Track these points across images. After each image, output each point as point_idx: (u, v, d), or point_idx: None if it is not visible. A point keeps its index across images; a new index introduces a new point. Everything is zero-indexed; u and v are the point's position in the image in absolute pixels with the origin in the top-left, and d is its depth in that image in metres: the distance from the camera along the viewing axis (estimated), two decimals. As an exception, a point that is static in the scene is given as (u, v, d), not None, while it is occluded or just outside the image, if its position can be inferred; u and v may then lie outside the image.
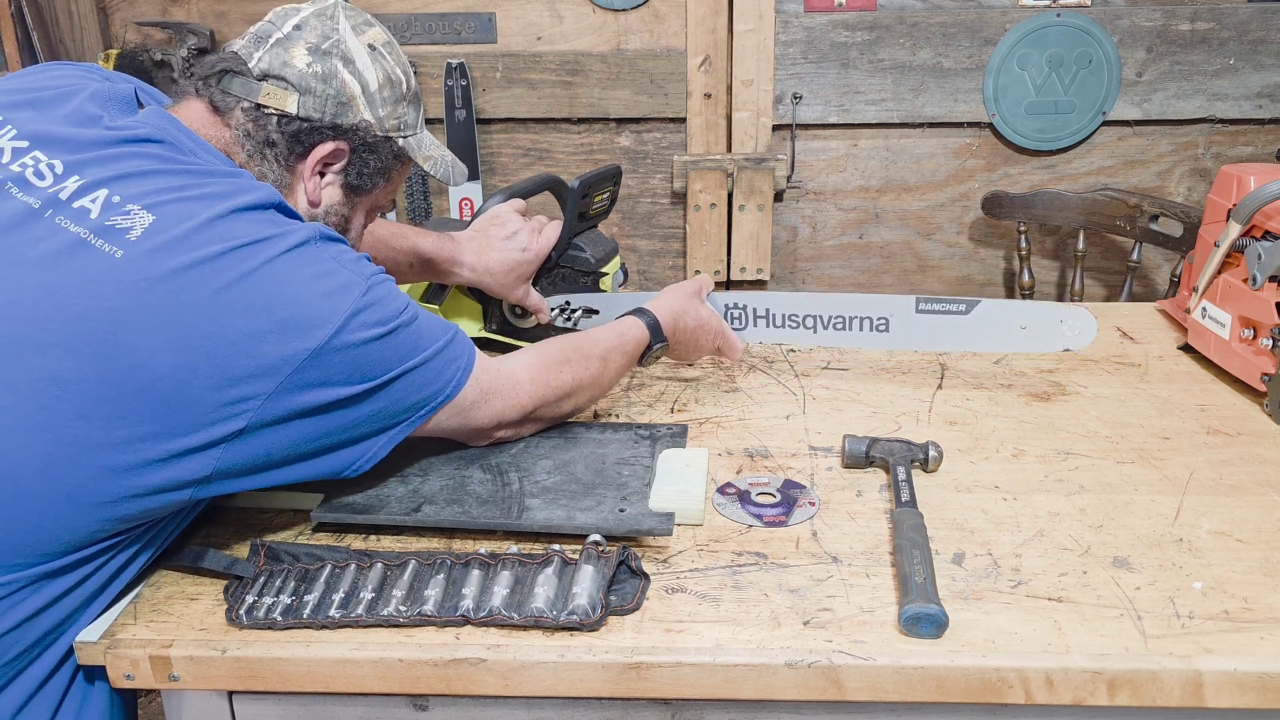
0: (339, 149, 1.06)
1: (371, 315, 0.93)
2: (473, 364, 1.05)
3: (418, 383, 0.99)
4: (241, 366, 0.87)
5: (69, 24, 2.41)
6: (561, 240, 1.41)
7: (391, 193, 1.15)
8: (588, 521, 1.01)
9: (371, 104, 1.06)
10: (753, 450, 1.21)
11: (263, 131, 1.03)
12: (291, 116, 1.03)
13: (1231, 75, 2.34)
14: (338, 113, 1.05)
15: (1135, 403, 1.32)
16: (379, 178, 1.10)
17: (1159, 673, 0.84)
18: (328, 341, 0.90)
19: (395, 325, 0.95)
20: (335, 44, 1.05)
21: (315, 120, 1.04)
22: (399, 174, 1.13)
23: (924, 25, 2.33)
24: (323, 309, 0.90)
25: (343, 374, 0.92)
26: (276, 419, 0.90)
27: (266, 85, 1.02)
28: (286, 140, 1.04)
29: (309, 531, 1.05)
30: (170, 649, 0.88)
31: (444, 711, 0.93)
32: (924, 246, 2.53)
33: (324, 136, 1.05)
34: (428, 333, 1.00)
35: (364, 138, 1.07)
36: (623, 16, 2.37)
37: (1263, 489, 1.10)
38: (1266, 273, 1.29)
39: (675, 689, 0.87)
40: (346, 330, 0.91)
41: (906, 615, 0.87)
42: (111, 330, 0.84)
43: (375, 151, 1.08)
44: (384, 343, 0.94)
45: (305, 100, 1.03)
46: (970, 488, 1.12)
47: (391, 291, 0.97)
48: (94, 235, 0.87)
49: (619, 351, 1.22)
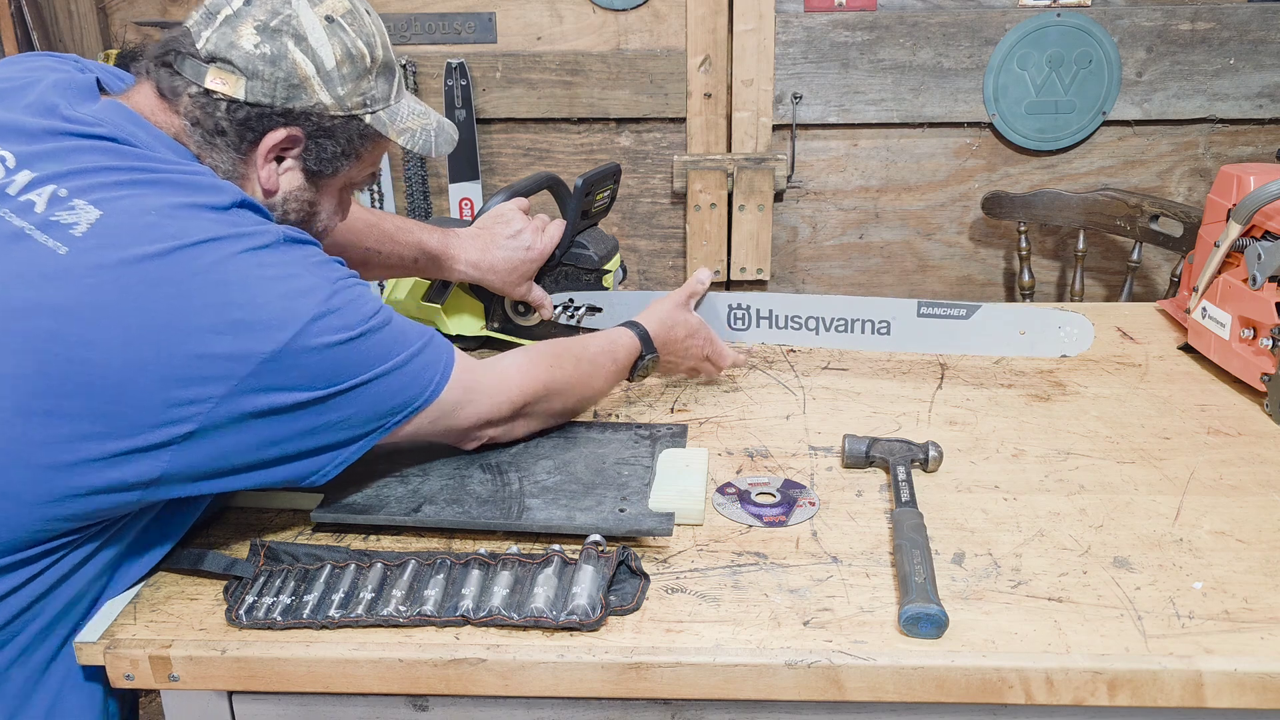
0: (292, 136, 0.99)
1: (337, 320, 0.90)
2: (451, 367, 1.02)
3: (388, 389, 0.96)
4: (191, 367, 0.84)
5: (69, 24, 2.41)
6: (565, 238, 1.41)
7: (367, 170, 1.09)
8: (588, 521, 1.00)
9: (328, 84, 0.99)
10: (753, 450, 1.21)
11: (211, 119, 0.97)
12: (239, 103, 0.96)
13: (1232, 75, 2.34)
14: (289, 96, 0.97)
15: (1135, 403, 1.32)
16: (343, 160, 1.04)
17: (1159, 673, 0.84)
18: (286, 345, 0.87)
19: (362, 330, 0.92)
20: (286, 20, 0.97)
21: (265, 106, 0.97)
22: (372, 151, 1.07)
23: (924, 25, 2.33)
24: (281, 312, 0.87)
25: (302, 379, 0.89)
26: (230, 422, 0.87)
27: (213, 69, 0.96)
28: (235, 128, 0.97)
29: (309, 531, 1.05)
30: (170, 649, 0.88)
31: (444, 711, 0.93)
32: (924, 246, 2.53)
33: (274, 123, 0.98)
34: (400, 338, 0.97)
35: (320, 122, 1.00)
36: (623, 16, 2.37)
37: (1263, 489, 1.10)
38: (1266, 273, 1.29)
39: (675, 689, 0.87)
40: (308, 334, 0.88)
41: (906, 615, 0.87)
42: (53, 327, 0.82)
43: (334, 134, 1.01)
44: (349, 348, 0.91)
45: (253, 85, 0.96)
46: (970, 488, 1.12)
47: (360, 295, 0.94)
48: (38, 230, 0.84)
49: (608, 357, 1.21)
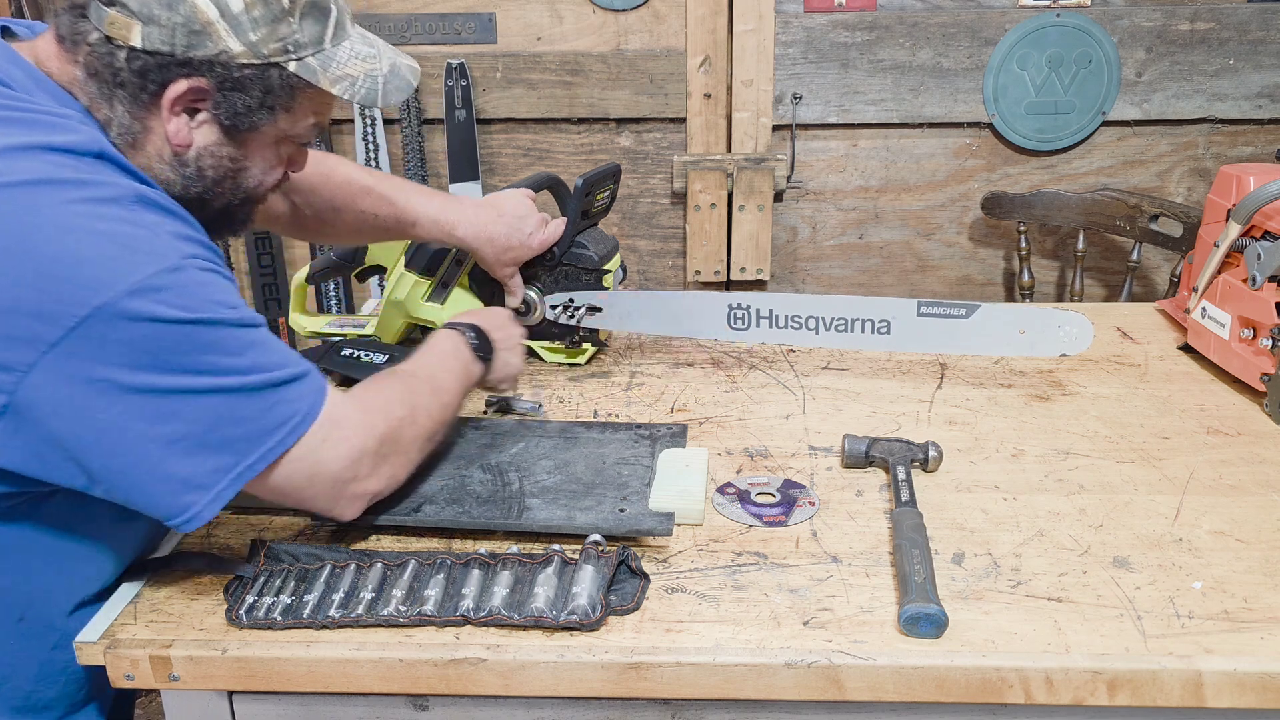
0: (196, 87, 0.89)
1: (176, 295, 0.81)
2: (325, 396, 0.92)
3: (236, 409, 0.85)
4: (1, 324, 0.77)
5: (69, 24, 2.41)
6: (565, 238, 1.41)
7: (303, 122, 0.98)
8: (588, 521, 1.01)
9: (236, 29, 0.88)
10: (753, 450, 1.21)
11: (110, 69, 0.88)
12: (138, 51, 0.87)
13: (1231, 75, 2.34)
14: (191, 44, 0.87)
15: (1135, 402, 1.32)
16: (263, 113, 0.93)
17: (1159, 673, 0.84)
18: (102, 308, 0.78)
19: (205, 317, 0.83)
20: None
21: (164, 55, 0.87)
22: (306, 101, 0.96)
23: (924, 25, 2.33)
24: (106, 272, 0.79)
25: (126, 355, 0.80)
26: (46, 395, 0.79)
27: (111, 13, 0.87)
28: (134, 78, 0.88)
29: (308, 532, 1.04)
30: (170, 649, 0.88)
31: (444, 711, 0.93)
32: (924, 246, 2.53)
33: (174, 74, 0.88)
34: (266, 350, 0.88)
35: (230, 72, 0.89)
36: (623, 16, 2.37)
37: (1262, 489, 1.10)
38: (1266, 273, 1.29)
39: (675, 689, 0.87)
40: (133, 298, 0.79)
41: (906, 615, 0.87)
42: None
43: (247, 86, 0.91)
44: (183, 330, 0.81)
45: (150, 31, 0.86)
46: (970, 487, 1.12)
47: (218, 285, 0.85)
48: None
49: (435, 360, 1.12)
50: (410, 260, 1.48)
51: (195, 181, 0.94)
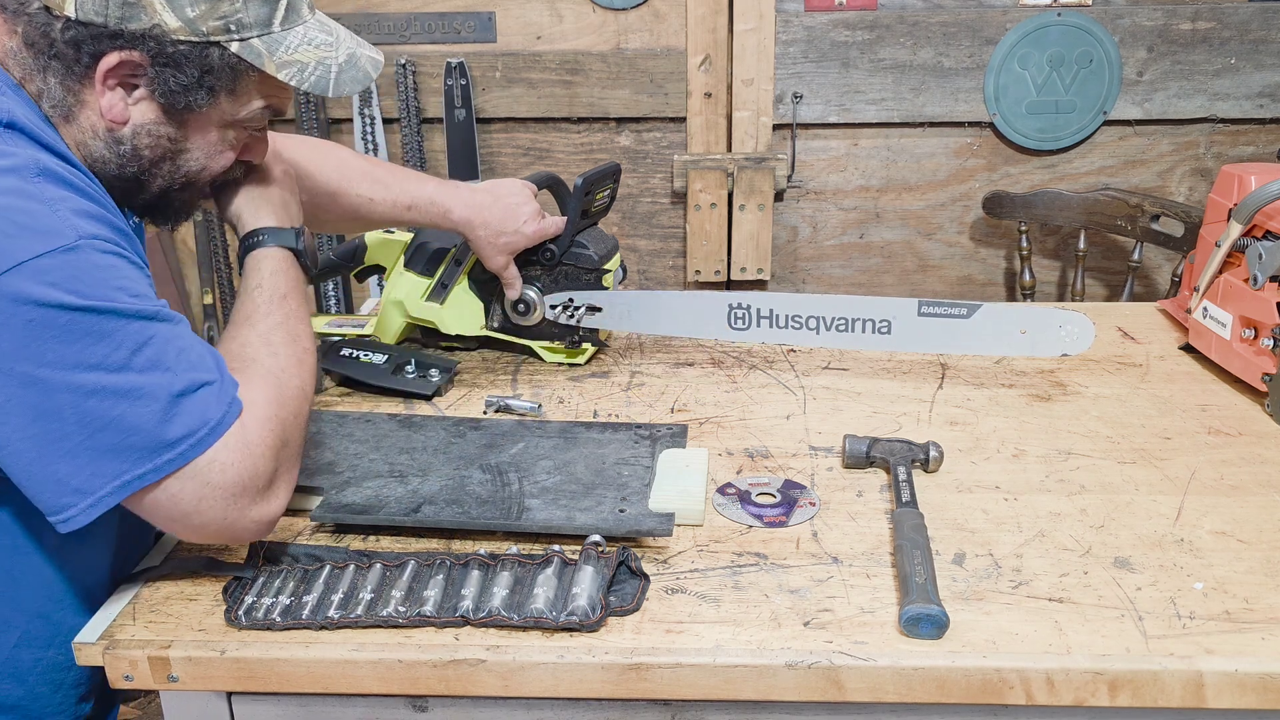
0: (128, 60, 0.87)
1: (68, 278, 0.77)
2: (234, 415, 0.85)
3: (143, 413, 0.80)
4: None
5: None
6: (565, 237, 1.41)
7: (246, 106, 0.94)
8: (588, 522, 1.00)
9: (172, 3, 0.86)
10: (753, 450, 1.20)
11: (46, 39, 0.86)
12: (71, 21, 0.85)
13: (1232, 75, 2.33)
14: (124, 16, 0.85)
15: (1136, 403, 1.32)
16: (199, 93, 0.90)
17: (1160, 673, 0.84)
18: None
19: (99, 305, 0.78)
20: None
21: (97, 26, 0.85)
22: (251, 85, 0.93)
23: (925, 24, 2.33)
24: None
25: (13, 341, 0.76)
26: None
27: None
28: (68, 49, 0.86)
29: (308, 532, 1.04)
30: (169, 650, 0.88)
31: (443, 712, 0.93)
32: (925, 246, 2.53)
33: (107, 46, 0.86)
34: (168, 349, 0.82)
35: (162, 47, 0.87)
36: (623, 16, 2.37)
37: (1264, 489, 1.10)
38: (1267, 273, 1.29)
39: (675, 690, 0.87)
40: (20, 279, 0.75)
41: (907, 616, 0.87)
42: None
43: (183, 63, 0.88)
44: (81, 319, 0.77)
45: (84, 1, 0.85)
46: (971, 488, 1.11)
47: (118, 269, 0.81)
48: None
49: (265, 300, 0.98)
50: (409, 260, 1.48)
51: (131, 161, 0.92)
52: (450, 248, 1.46)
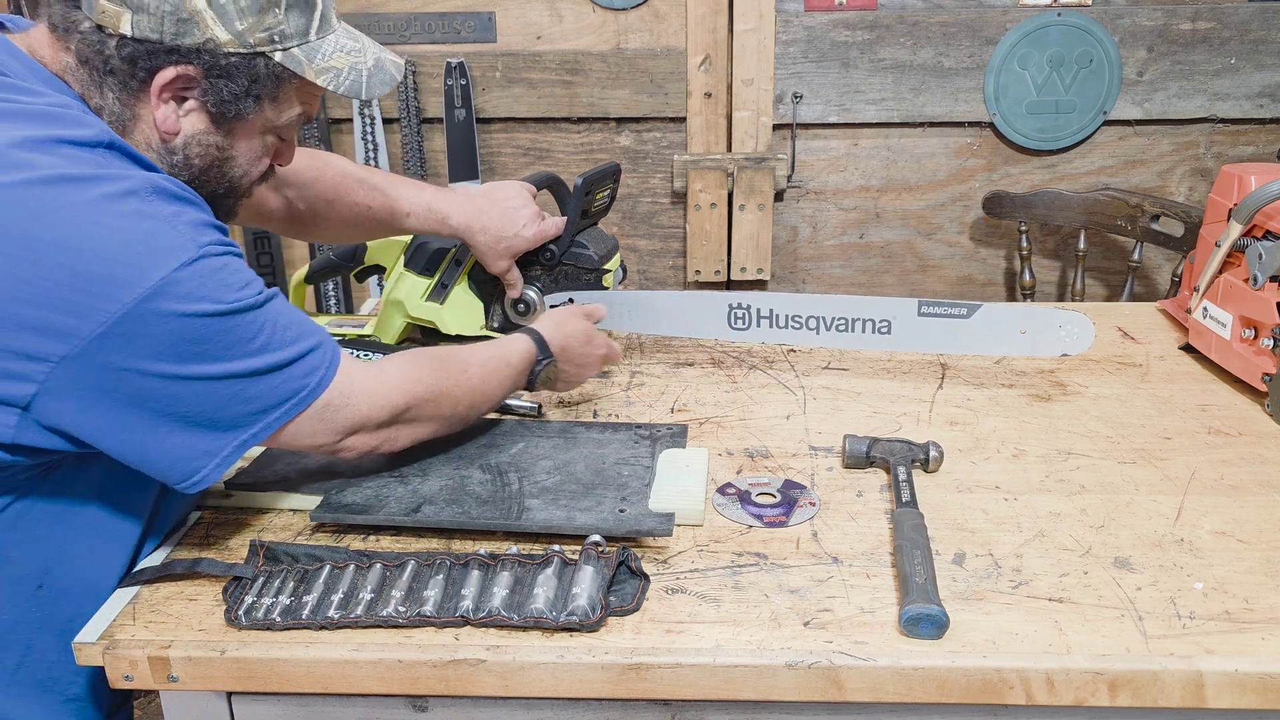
0: (184, 74, 0.92)
1: (197, 287, 0.84)
2: (332, 375, 0.96)
3: (256, 390, 0.90)
4: (29, 318, 0.80)
5: (69, 23, 2.40)
6: (565, 237, 1.41)
7: (288, 112, 1.00)
8: (588, 522, 1.00)
9: (223, 18, 0.91)
10: (753, 450, 1.20)
11: (100, 56, 0.90)
12: (128, 39, 0.89)
13: (1232, 75, 2.33)
14: (179, 31, 0.90)
15: (1136, 403, 1.32)
16: (248, 101, 0.95)
17: (1160, 673, 0.84)
18: (135, 306, 0.81)
19: (228, 309, 0.86)
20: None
21: (153, 42, 0.90)
22: (291, 91, 0.99)
23: (925, 24, 2.33)
24: (131, 269, 0.81)
25: (155, 348, 0.83)
26: (78, 383, 0.83)
27: (102, 2, 0.89)
28: (124, 65, 0.90)
29: (308, 532, 1.04)
30: (169, 650, 0.88)
31: (443, 712, 0.93)
32: (925, 246, 2.53)
33: (163, 61, 0.91)
34: (275, 331, 0.91)
35: (215, 60, 0.92)
36: (623, 16, 2.37)
37: (1264, 489, 1.10)
38: (1267, 273, 1.29)
39: (675, 690, 0.87)
40: (161, 297, 0.82)
41: (907, 616, 0.87)
42: None
43: (234, 74, 0.93)
44: (209, 324, 0.85)
45: (140, 19, 0.89)
46: (971, 488, 1.11)
47: (232, 267, 0.88)
48: None
49: (500, 362, 1.15)
50: (409, 260, 1.48)
51: (182, 169, 0.96)
52: (450, 248, 1.46)
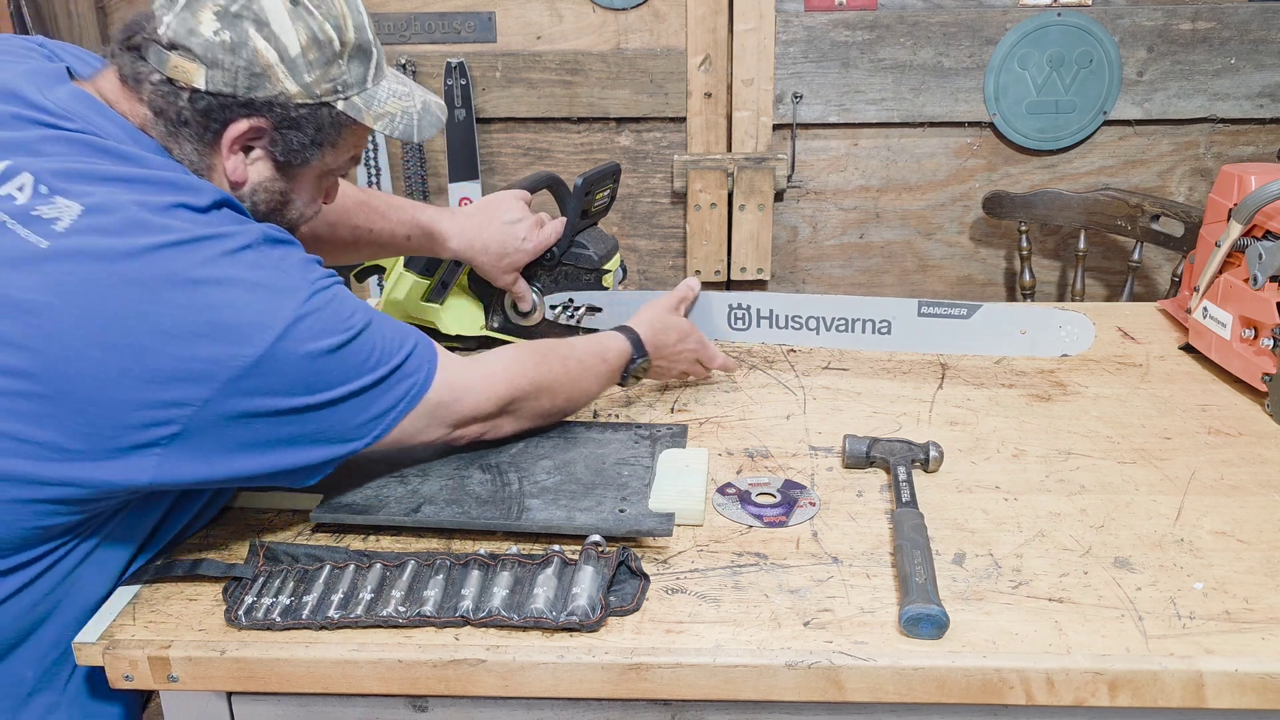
0: (256, 126, 0.96)
1: (316, 323, 0.89)
2: (435, 369, 1.01)
3: (371, 399, 0.95)
4: (172, 368, 0.83)
5: (68, 23, 2.40)
6: (565, 238, 1.41)
7: (345, 156, 1.05)
8: (588, 522, 1.00)
9: (293, 71, 0.94)
10: (753, 450, 1.20)
11: (174, 108, 0.94)
12: (201, 93, 0.93)
13: (1232, 75, 2.33)
14: (252, 86, 0.93)
15: (1136, 403, 1.32)
16: (314, 149, 0.99)
17: (1160, 673, 0.84)
18: (268, 350, 0.86)
19: (345, 339, 0.91)
20: (247, 5, 0.92)
21: (226, 96, 0.93)
22: (349, 137, 1.03)
23: (925, 24, 2.33)
24: (261, 314, 0.86)
25: (286, 385, 0.88)
26: (214, 426, 0.86)
27: (174, 56, 0.92)
28: (198, 118, 0.94)
29: (308, 532, 1.04)
30: (169, 650, 0.88)
31: (443, 712, 0.93)
32: (925, 246, 2.53)
33: (236, 114, 0.94)
34: (382, 344, 0.96)
35: (285, 111, 0.96)
36: (623, 16, 2.37)
37: (1264, 489, 1.10)
38: (1267, 273, 1.29)
39: (675, 690, 0.87)
40: (289, 339, 0.87)
41: (907, 616, 0.87)
42: (36, 324, 0.81)
43: (302, 124, 0.97)
44: (333, 357, 0.90)
45: (214, 74, 0.92)
46: (971, 488, 1.11)
47: (339, 297, 0.93)
48: (18, 223, 0.83)
49: (597, 359, 1.20)
50: (409, 260, 1.48)
51: (250, 212, 0.99)
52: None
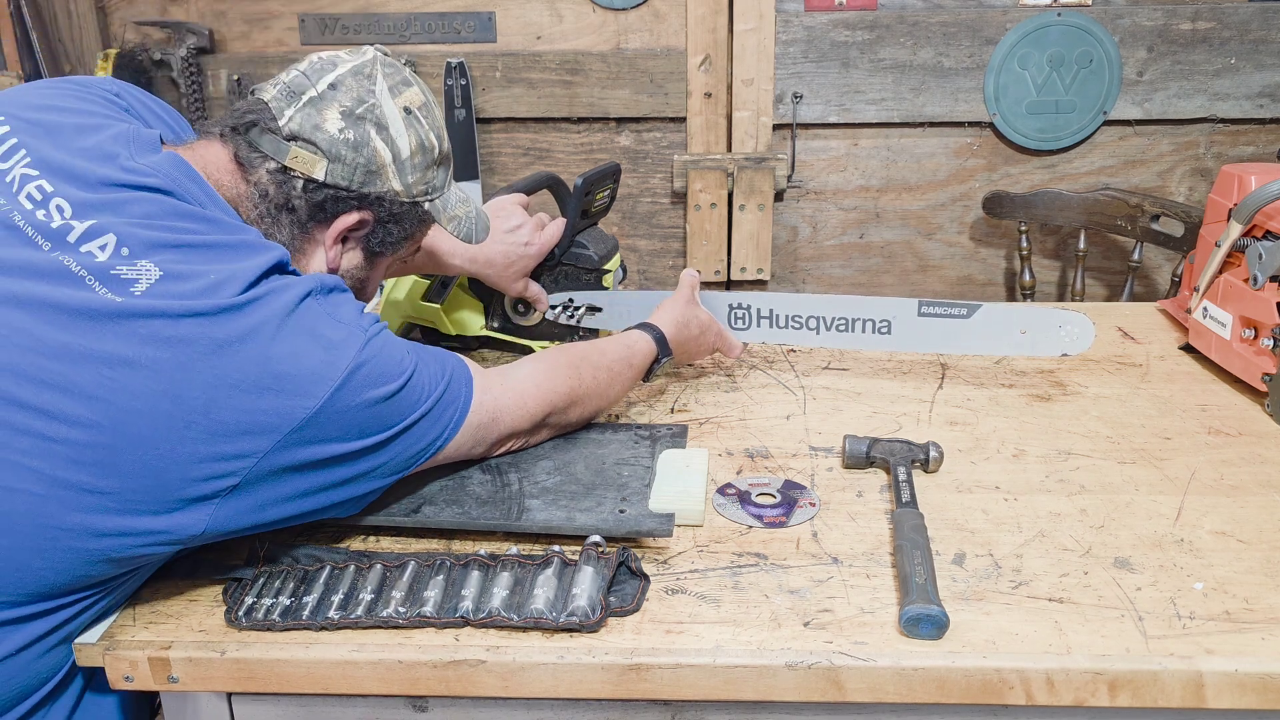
0: (363, 219, 1.03)
1: (373, 371, 0.91)
2: (471, 396, 1.03)
3: (419, 434, 0.98)
4: (237, 422, 0.85)
5: (68, 23, 2.40)
6: (565, 238, 1.41)
7: (414, 250, 1.14)
8: (588, 523, 1.00)
9: (401, 172, 1.03)
10: (753, 450, 1.20)
11: (283, 194, 0.99)
12: (318, 183, 0.99)
13: (1232, 75, 2.33)
14: (366, 181, 1.01)
15: (1136, 403, 1.32)
16: (404, 243, 1.08)
17: (1160, 673, 0.84)
18: (327, 401, 0.88)
19: (399, 385, 0.94)
20: (370, 108, 1.00)
21: (342, 189, 1.00)
22: (421, 234, 1.11)
23: (925, 24, 2.33)
24: (321, 367, 0.89)
25: (343, 432, 0.91)
26: (272, 475, 0.88)
27: (295, 147, 0.99)
28: (309, 206, 1.00)
29: (308, 532, 1.04)
30: (169, 650, 0.88)
31: (443, 713, 0.93)
32: (925, 246, 2.53)
33: (349, 206, 1.02)
34: (429, 380, 0.98)
35: (390, 207, 1.04)
36: (623, 16, 2.37)
37: (1264, 489, 1.10)
38: (1267, 273, 1.29)
39: (675, 690, 0.87)
40: (347, 389, 0.89)
41: (907, 616, 0.87)
42: (110, 377, 0.83)
43: (401, 220, 1.05)
44: (387, 404, 0.93)
45: (334, 168, 0.99)
46: (971, 488, 1.11)
47: (390, 343, 0.95)
48: (98, 282, 0.85)
49: (625, 364, 1.21)
50: (410, 260, 1.48)
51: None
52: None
